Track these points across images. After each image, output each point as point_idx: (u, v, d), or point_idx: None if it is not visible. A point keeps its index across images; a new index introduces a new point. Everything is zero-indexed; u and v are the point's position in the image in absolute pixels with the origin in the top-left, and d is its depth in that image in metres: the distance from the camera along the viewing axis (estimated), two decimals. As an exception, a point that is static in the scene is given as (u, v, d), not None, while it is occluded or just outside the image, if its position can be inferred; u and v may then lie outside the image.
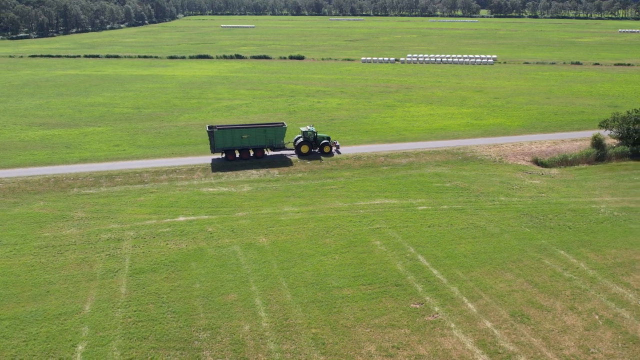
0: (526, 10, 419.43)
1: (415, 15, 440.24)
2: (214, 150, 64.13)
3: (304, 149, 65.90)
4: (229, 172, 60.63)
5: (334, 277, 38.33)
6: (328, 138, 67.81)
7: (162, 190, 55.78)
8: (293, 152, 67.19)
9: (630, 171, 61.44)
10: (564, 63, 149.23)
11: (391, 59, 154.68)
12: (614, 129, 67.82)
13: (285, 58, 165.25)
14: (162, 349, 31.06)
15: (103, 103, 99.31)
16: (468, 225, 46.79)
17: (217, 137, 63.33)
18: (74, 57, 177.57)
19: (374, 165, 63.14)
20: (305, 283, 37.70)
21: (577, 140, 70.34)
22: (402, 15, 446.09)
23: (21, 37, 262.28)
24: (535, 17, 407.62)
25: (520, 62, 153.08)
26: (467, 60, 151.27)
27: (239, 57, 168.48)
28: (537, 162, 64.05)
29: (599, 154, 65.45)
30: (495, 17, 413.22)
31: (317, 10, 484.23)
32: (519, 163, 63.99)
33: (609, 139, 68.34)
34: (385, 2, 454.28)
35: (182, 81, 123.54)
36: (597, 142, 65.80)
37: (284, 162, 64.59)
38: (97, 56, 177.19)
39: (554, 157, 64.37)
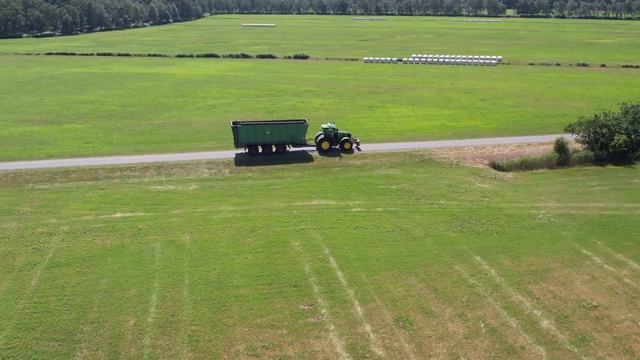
0: (553, 10, 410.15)
1: (440, 15, 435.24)
2: (237, 145, 66.19)
3: (325, 145, 67.63)
4: (180, 170, 61.58)
5: (237, 277, 38.74)
6: (349, 135, 69.14)
7: (111, 187, 57.07)
8: (314, 148, 68.95)
9: (588, 177, 59.92)
10: (570, 65, 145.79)
11: (394, 59, 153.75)
12: (580, 133, 66.22)
13: (290, 57, 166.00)
14: (43, 340, 32.02)
15: (93, 101, 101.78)
16: (395, 228, 46.55)
17: (241, 132, 65.57)
18: (88, 55, 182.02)
19: (327, 166, 63.19)
20: (207, 281, 38.22)
21: (545, 144, 68.91)
22: (427, 15, 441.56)
23: (46, 35, 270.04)
24: (563, 17, 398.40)
25: (526, 63, 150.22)
26: (470, 61, 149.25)
27: (245, 56, 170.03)
28: (495, 166, 63.04)
29: (560, 158, 63.97)
30: (521, 17, 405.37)
31: (342, 10, 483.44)
32: (475, 166, 63.09)
33: (575, 143, 66.71)
34: (410, 2, 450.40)
35: (179, 80, 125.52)
36: (560, 147, 64.31)
37: (301, 157, 66.41)
38: (110, 54, 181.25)
39: (513, 161, 63.24)
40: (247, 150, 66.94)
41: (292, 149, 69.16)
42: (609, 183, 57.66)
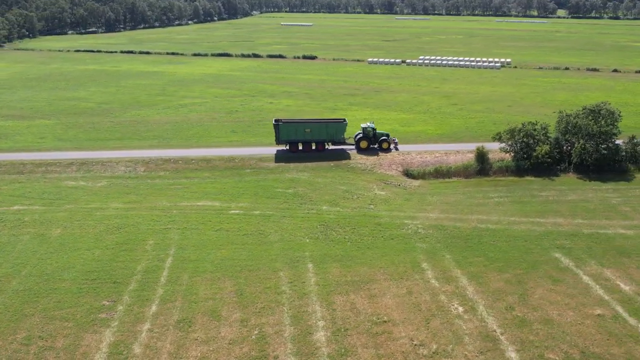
0: (607, 11, 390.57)
1: (488, 15, 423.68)
2: (278, 142, 69.09)
3: (363, 144, 69.76)
4: (99, 167, 64.50)
5: (71, 271, 40.87)
6: (387, 135, 71.08)
7: (29, 181, 60.66)
8: (353, 147, 70.93)
9: (496, 188, 58.32)
10: (578, 69, 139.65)
11: (397, 60, 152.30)
12: (506, 142, 64.28)
13: (298, 58, 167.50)
14: None
15: (79, 97, 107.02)
16: (254, 231, 47.42)
17: (282, 130, 68.25)
18: (112, 52, 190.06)
19: (241, 167, 64.43)
20: (42, 273, 40.55)
21: (473, 152, 67.20)
22: (474, 15, 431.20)
23: (90, 32, 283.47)
24: (617, 18, 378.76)
25: (535, 66, 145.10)
26: (475, 63, 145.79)
27: (256, 56, 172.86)
28: (407, 173, 62.33)
29: (479, 167, 62.44)
30: (572, 17, 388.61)
31: (389, 9, 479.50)
32: (387, 172, 62.60)
33: (501, 152, 64.75)
34: (458, 1, 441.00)
35: (174, 78, 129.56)
36: (479, 156, 62.73)
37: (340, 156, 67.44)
38: (132, 52, 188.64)
39: (426, 169, 62.32)
40: (287, 147, 69.23)
41: (331, 147, 71.01)
42: (511, 195, 56.00)
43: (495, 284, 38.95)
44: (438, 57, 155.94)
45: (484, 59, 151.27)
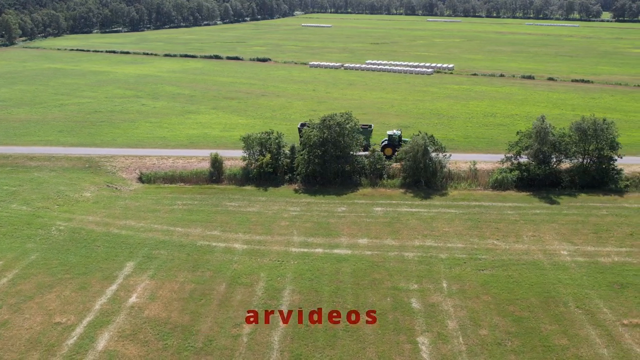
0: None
1: (528, 17, 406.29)
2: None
3: (388, 151, 69.03)
4: None
5: None
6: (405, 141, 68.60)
7: None
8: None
9: (195, 195, 59.29)
10: (513, 76, 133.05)
11: (337, 64, 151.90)
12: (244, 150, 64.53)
13: (253, 60, 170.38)
14: None
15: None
16: None
17: (305, 134, 64.40)
18: (98, 52, 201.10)
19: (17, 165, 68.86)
20: None
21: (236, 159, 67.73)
22: (515, 18, 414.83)
23: (114, 32, 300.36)
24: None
25: (473, 72, 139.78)
26: (410, 69, 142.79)
27: (217, 57, 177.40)
28: (141, 177, 64.26)
29: (212, 174, 63.28)
30: (617, 21, 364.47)
31: (429, 10, 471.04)
32: (122, 175, 64.96)
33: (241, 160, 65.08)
34: (498, 3, 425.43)
35: (106, 79, 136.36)
36: (213, 162, 63.55)
37: None
38: (114, 52, 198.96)
39: (158, 173, 64.11)
40: None
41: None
42: (198, 204, 56.74)
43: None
44: (383, 62, 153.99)
45: (422, 64, 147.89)
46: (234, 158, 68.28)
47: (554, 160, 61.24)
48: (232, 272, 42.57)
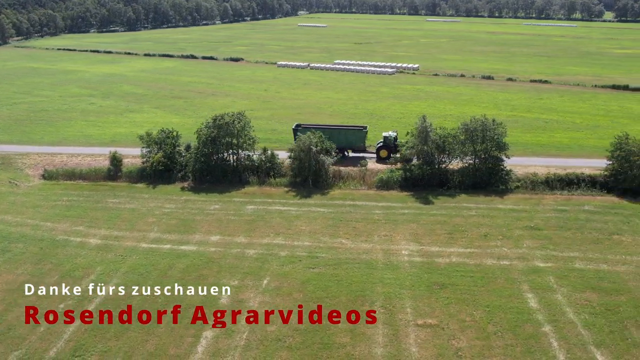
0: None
1: (529, 17, 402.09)
2: None
3: (383, 153, 68.42)
4: None
5: None
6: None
7: None
8: (374, 155, 69.97)
9: (82, 192, 60.66)
10: (473, 76, 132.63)
11: (303, 64, 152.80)
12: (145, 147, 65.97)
13: (227, 59, 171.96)
14: None
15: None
16: None
17: (301, 135, 65.58)
18: (84, 51, 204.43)
19: None
20: None
21: (134, 157, 69.26)
22: (517, 18, 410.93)
23: (111, 31, 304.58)
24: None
25: (435, 73, 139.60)
26: (372, 69, 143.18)
27: (193, 57, 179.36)
28: (44, 174, 65.95)
29: (110, 171, 64.76)
30: (619, 21, 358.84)
31: (432, 10, 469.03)
32: (27, 172, 66.83)
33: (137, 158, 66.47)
34: (501, 3, 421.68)
35: (73, 78, 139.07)
36: (112, 160, 65.03)
37: None
38: (97, 51, 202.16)
39: (59, 171, 65.64)
40: None
41: (351, 154, 70.09)
42: (81, 200, 58.24)
43: None
44: (350, 62, 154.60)
45: (387, 64, 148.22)
46: (136, 156, 69.84)
47: (438, 160, 61.53)
48: (71, 266, 43.99)
